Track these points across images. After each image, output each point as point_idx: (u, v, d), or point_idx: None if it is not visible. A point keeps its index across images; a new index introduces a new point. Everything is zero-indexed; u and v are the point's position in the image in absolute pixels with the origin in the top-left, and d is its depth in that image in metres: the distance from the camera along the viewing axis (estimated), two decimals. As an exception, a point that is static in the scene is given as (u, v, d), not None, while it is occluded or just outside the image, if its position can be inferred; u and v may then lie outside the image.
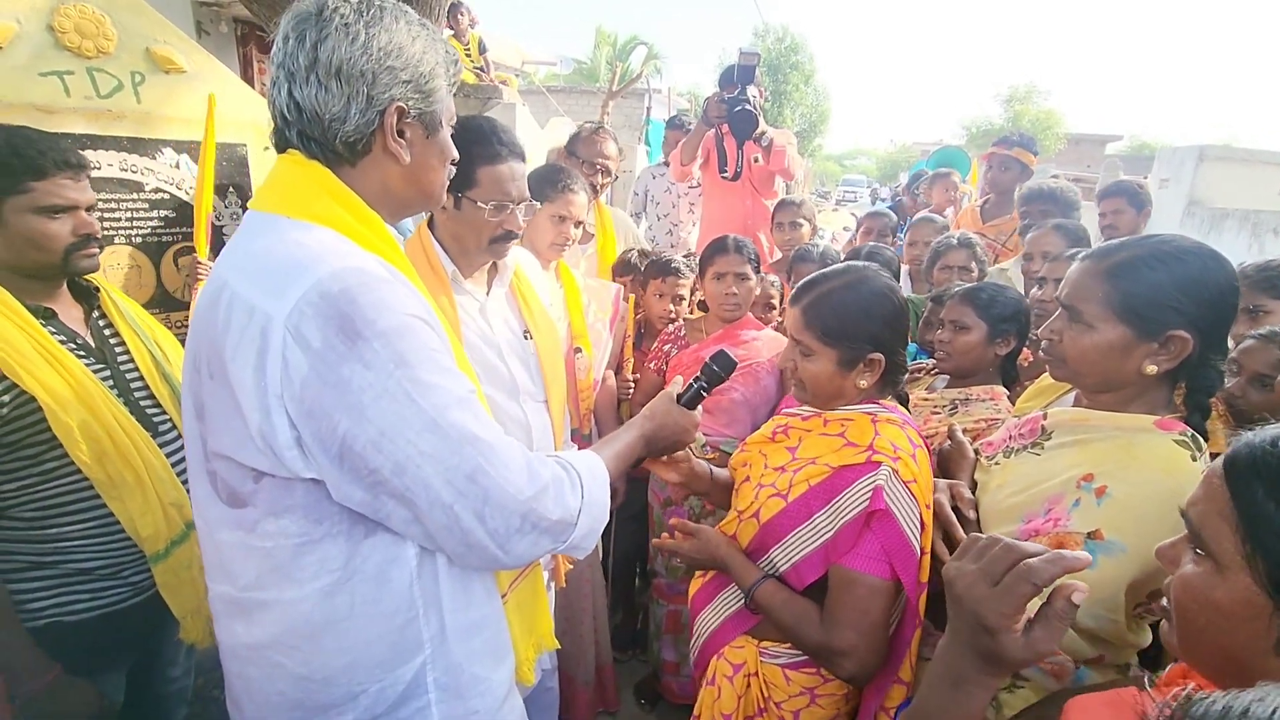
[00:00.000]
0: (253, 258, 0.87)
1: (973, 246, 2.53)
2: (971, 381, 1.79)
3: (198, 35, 5.57)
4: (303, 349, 0.79)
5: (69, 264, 1.41)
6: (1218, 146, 8.76)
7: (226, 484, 0.88)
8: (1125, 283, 1.07)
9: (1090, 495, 1.06)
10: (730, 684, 1.34)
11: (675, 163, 3.80)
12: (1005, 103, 29.17)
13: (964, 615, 0.70)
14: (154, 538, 1.44)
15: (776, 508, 1.28)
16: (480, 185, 1.47)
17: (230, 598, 0.94)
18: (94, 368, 1.43)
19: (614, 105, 9.51)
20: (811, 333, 1.28)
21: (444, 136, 1.00)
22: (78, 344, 1.43)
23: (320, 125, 0.90)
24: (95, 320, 1.50)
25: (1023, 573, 0.66)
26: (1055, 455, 1.17)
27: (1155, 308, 1.05)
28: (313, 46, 0.88)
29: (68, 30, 1.81)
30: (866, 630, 1.18)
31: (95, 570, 1.42)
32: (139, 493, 1.41)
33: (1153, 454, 1.05)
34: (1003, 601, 0.66)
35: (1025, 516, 1.14)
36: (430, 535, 0.87)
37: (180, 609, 1.51)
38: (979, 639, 0.69)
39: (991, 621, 0.67)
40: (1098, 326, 1.09)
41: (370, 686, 0.92)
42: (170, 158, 2.06)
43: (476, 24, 7.09)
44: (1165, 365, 1.07)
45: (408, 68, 0.91)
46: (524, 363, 1.63)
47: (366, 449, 0.81)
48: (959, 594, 0.71)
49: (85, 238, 1.42)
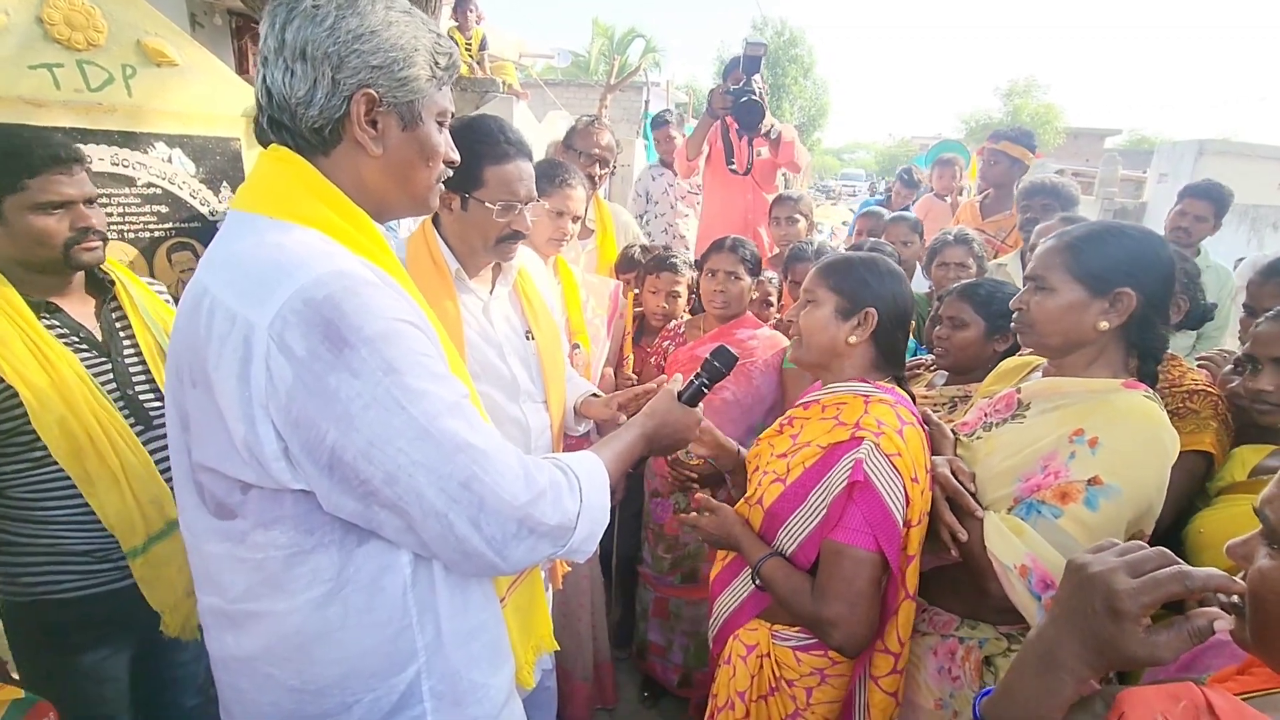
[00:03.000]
0: (233, 262, 0.84)
1: (970, 243, 2.51)
2: (970, 378, 1.79)
3: (191, 28, 5.52)
4: (287, 358, 0.77)
5: (70, 258, 1.42)
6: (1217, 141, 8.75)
7: (213, 495, 0.86)
8: (1082, 251, 1.25)
9: (1084, 447, 1.18)
10: (744, 664, 1.41)
11: (680, 158, 3.77)
12: (1004, 97, 29.14)
13: (1090, 598, 0.70)
14: (129, 533, 1.45)
15: (776, 492, 1.34)
16: (487, 185, 1.45)
17: (220, 609, 0.92)
18: (94, 360, 1.46)
19: (612, 99, 9.45)
20: (823, 282, 1.38)
21: (426, 132, 0.94)
22: (81, 337, 1.47)
23: (288, 110, 0.87)
24: (108, 312, 1.52)
25: (1178, 574, 0.66)
26: (1039, 421, 1.28)
27: (1105, 268, 1.23)
28: (280, 29, 0.85)
29: (57, 22, 1.78)
30: (853, 600, 1.22)
31: (85, 553, 1.45)
32: (115, 490, 1.43)
33: (1132, 408, 1.19)
34: (1146, 592, 0.66)
35: (1022, 476, 1.24)
36: (425, 544, 0.85)
37: (158, 603, 1.52)
38: (1099, 624, 0.69)
39: (1126, 606, 0.67)
40: (1058, 288, 1.26)
41: (364, 696, 0.91)
42: (163, 152, 2.03)
43: (482, 20, 7.05)
44: (1115, 321, 1.23)
45: (378, 52, 0.87)
46: (525, 363, 1.62)
47: (356, 459, 0.79)
48: (1092, 574, 0.70)
49: (84, 231, 1.42)
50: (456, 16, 6.76)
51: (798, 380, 2.14)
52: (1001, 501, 1.25)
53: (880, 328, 1.34)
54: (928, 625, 1.38)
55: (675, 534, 2.31)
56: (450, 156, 1.00)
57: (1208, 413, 1.53)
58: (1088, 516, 1.14)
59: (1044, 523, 1.16)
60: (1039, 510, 1.18)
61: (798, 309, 1.41)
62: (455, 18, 6.76)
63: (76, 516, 1.43)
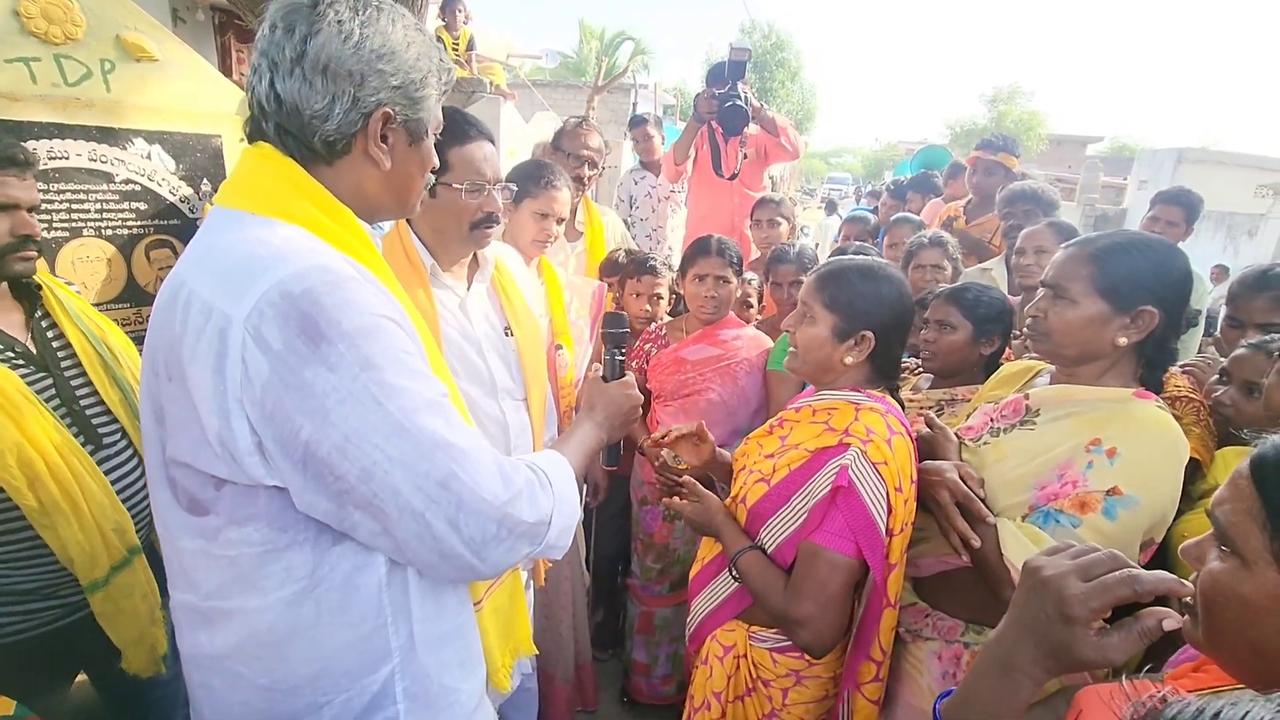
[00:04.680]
0: (213, 256, 0.83)
1: (945, 245, 2.54)
2: (956, 381, 1.80)
3: (173, 23, 5.46)
4: (263, 351, 0.76)
5: (2, 266, 1.32)
6: (1195, 149, 8.92)
7: (187, 491, 0.85)
8: (1106, 264, 1.22)
9: (1102, 457, 1.18)
10: (721, 664, 1.42)
11: (667, 162, 3.77)
12: (989, 103, 29.42)
13: (1043, 603, 0.71)
14: (89, 566, 1.34)
15: (760, 492, 1.35)
16: (453, 168, 1.44)
17: (192, 606, 0.91)
18: (33, 376, 1.34)
19: (600, 100, 9.46)
20: (819, 297, 1.35)
21: (428, 145, 0.97)
22: (16, 352, 1.35)
23: (299, 120, 0.87)
24: (38, 322, 1.41)
25: (1127, 578, 0.67)
26: (1051, 428, 1.27)
27: (1129, 284, 1.21)
28: (302, 39, 0.84)
29: (34, 15, 1.75)
30: (824, 603, 1.22)
31: (30, 592, 1.33)
32: (74, 520, 1.31)
33: (1148, 418, 1.20)
34: (1095, 597, 0.67)
35: (1037, 484, 1.23)
36: (400, 547, 0.83)
37: (120, 638, 1.43)
38: (1051, 629, 0.70)
39: (1076, 611, 0.68)
40: (1081, 302, 1.23)
41: (336, 697, 0.90)
42: (141, 148, 2.01)
43: (470, 20, 7.03)
44: (1134, 337, 1.22)
45: (399, 73, 0.89)
46: (504, 360, 1.61)
47: (331, 454, 0.78)
48: (1045, 579, 0.71)
49: (24, 239, 1.33)
50: (444, 16, 6.73)
51: (783, 381, 2.15)
52: (1015, 509, 1.24)
53: (876, 348, 1.33)
54: (931, 630, 1.37)
55: (665, 542, 2.30)
56: (434, 163, 1.01)
57: (1190, 419, 1.55)
58: (1106, 526, 1.14)
59: (1062, 531, 1.16)
60: (1057, 519, 1.17)
61: (795, 320, 1.39)
62: (443, 17, 6.73)
63: (21, 554, 1.30)
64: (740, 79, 3.30)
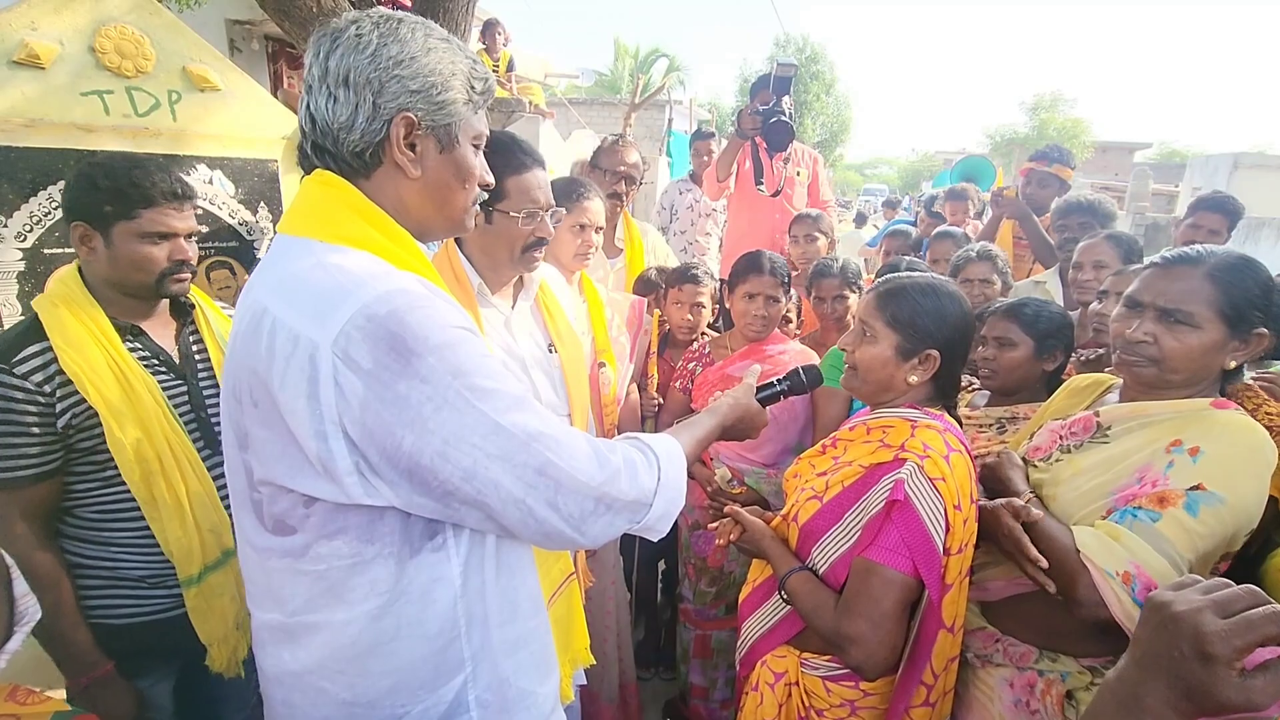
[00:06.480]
0: (292, 283, 0.86)
1: (994, 259, 2.48)
2: (1017, 399, 1.74)
3: (230, 52, 5.70)
4: (354, 371, 0.79)
5: (162, 287, 1.48)
6: (1252, 154, 8.57)
7: (272, 513, 0.88)
8: (1227, 285, 1.16)
9: (1184, 456, 1.13)
10: (772, 691, 1.38)
11: (710, 180, 3.77)
12: (1030, 111, 28.83)
13: (1175, 640, 0.65)
14: (187, 561, 1.46)
15: (812, 509, 1.33)
16: (509, 196, 1.48)
17: (278, 624, 0.94)
18: (171, 383, 1.51)
19: (636, 117, 9.54)
20: (881, 315, 1.32)
21: (462, 154, 0.96)
22: (161, 360, 1.52)
23: (330, 135, 0.90)
24: (186, 336, 1.58)
25: (1273, 614, 0.62)
26: (1126, 439, 1.23)
27: (1248, 308, 1.16)
28: (324, 58, 0.88)
29: (108, 51, 1.85)
30: (877, 621, 1.19)
31: (142, 579, 1.47)
32: (178, 515, 1.44)
33: (1230, 420, 1.14)
34: (1238, 635, 0.62)
35: (1114, 490, 1.19)
36: (506, 529, 0.88)
37: (207, 636, 1.52)
38: (1186, 668, 0.64)
39: (1218, 650, 0.62)
40: (1204, 326, 1.16)
41: (413, 708, 0.92)
42: (204, 174, 2.09)
43: (510, 42, 7.18)
44: (1242, 359, 1.17)
45: (417, 77, 0.89)
46: (548, 377, 1.62)
47: (434, 460, 0.81)
48: (1176, 614, 0.66)
49: (180, 263, 1.49)
50: (485, 39, 6.89)
51: (831, 398, 2.12)
52: (1092, 516, 1.19)
53: (940, 368, 1.30)
54: (1002, 656, 1.31)
55: (718, 566, 2.27)
56: (485, 179, 1.02)
57: None
58: (1189, 521, 1.08)
59: (1140, 525, 1.10)
60: (1134, 515, 1.12)
61: (854, 339, 1.36)
62: (483, 40, 6.90)
63: (138, 541, 1.45)
64: (786, 94, 3.29)
